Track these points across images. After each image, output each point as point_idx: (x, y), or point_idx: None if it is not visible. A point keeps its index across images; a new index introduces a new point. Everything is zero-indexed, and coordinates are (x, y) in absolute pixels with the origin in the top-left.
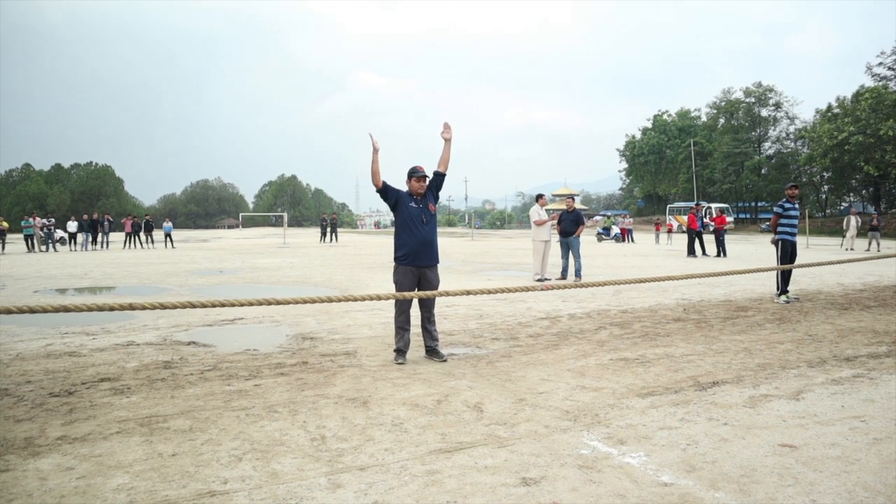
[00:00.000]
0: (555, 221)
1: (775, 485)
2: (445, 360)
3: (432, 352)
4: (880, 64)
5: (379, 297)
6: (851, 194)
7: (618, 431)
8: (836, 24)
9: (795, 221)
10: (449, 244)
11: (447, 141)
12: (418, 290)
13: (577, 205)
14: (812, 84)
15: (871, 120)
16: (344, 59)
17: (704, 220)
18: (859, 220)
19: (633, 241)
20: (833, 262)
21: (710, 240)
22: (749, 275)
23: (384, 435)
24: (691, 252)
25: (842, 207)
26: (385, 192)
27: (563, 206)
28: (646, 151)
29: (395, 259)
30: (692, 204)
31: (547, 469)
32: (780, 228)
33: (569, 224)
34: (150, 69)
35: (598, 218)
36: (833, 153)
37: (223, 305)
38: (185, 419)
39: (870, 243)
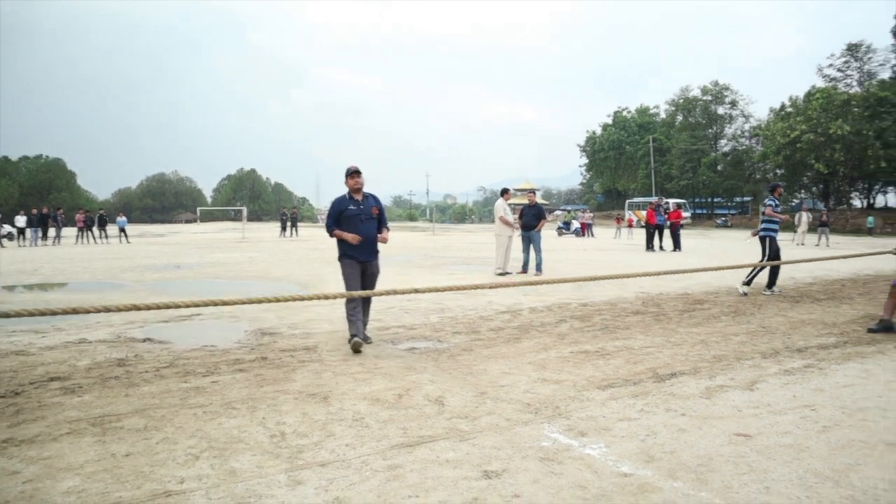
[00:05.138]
0: (517, 216)
1: (731, 473)
2: (371, 342)
3: None
4: (830, 66)
5: (343, 296)
6: (802, 191)
7: (578, 423)
8: (793, 26)
9: (779, 219)
10: (411, 239)
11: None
12: (362, 280)
13: (538, 199)
14: (768, 83)
15: (821, 119)
16: (306, 53)
17: (664, 214)
18: (810, 216)
19: (592, 235)
20: (824, 258)
21: (666, 234)
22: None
23: (345, 430)
24: (650, 246)
25: (793, 203)
26: (334, 226)
27: (525, 201)
28: (606, 147)
29: (339, 255)
30: (651, 199)
31: (508, 462)
32: (765, 226)
33: (530, 218)
34: (102, 61)
35: (558, 213)
36: (786, 151)
37: (196, 306)
38: (139, 418)
39: (819, 238)
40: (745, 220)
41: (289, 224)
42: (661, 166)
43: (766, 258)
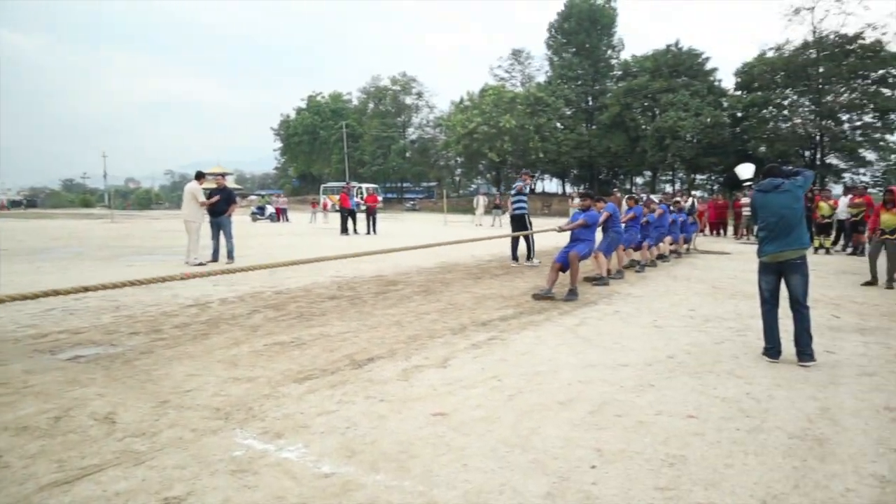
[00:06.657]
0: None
1: (431, 456)
2: None
3: None
4: (499, 66)
5: None
6: (479, 177)
7: (274, 424)
8: (477, 25)
9: (526, 199)
10: (84, 228)
11: None
12: None
13: (231, 184)
14: (454, 76)
15: (493, 113)
16: None
17: (357, 199)
18: (486, 199)
19: (287, 220)
20: (543, 230)
21: (362, 218)
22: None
23: None
24: (344, 230)
25: (472, 188)
26: None
27: (214, 185)
28: (300, 131)
29: None
30: (344, 184)
31: (194, 482)
32: (518, 205)
33: (220, 203)
34: None
35: (252, 197)
36: (464, 140)
37: None
38: None
39: (494, 219)
40: (431, 204)
41: None
42: (354, 152)
43: (528, 230)
